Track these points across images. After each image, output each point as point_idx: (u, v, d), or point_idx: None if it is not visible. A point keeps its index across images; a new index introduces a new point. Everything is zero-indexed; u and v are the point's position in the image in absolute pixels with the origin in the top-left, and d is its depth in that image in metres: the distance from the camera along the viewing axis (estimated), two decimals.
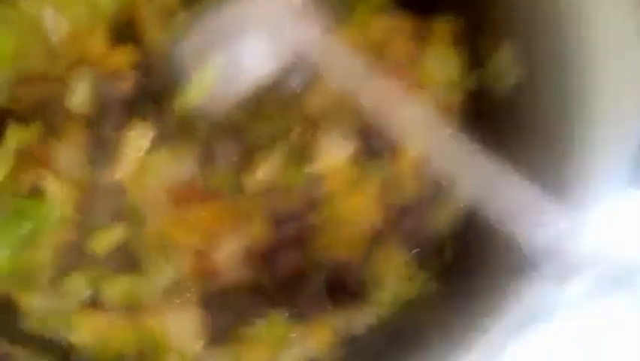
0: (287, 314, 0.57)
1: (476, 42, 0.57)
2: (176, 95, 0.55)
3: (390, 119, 0.48)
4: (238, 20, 0.51)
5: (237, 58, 0.51)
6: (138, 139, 0.57)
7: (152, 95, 0.58)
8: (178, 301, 0.56)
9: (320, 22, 0.52)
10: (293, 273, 0.57)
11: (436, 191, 0.58)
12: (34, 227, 0.56)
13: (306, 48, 0.50)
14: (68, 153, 0.58)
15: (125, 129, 0.57)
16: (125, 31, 0.61)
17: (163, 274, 0.56)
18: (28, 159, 0.58)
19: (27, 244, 0.56)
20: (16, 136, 0.58)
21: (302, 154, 0.58)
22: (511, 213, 0.44)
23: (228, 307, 0.56)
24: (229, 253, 0.57)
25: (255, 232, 0.57)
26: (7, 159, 0.58)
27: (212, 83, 0.52)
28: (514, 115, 0.54)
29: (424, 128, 0.48)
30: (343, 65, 0.50)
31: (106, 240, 0.56)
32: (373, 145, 0.57)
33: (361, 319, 0.58)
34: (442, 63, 0.60)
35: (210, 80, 0.52)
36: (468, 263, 0.56)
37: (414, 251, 0.59)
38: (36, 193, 0.57)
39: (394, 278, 0.58)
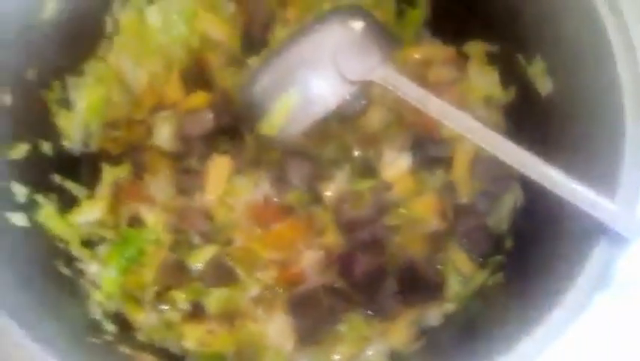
0: (367, 313, 0.63)
1: (511, 60, 0.64)
2: (256, 126, 0.61)
3: (449, 121, 0.54)
4: (309, 54, 0.58)
5: (312, 88, 0.57)
6: (220, 168, 0.65)
7: (228, 129, 0.66)
8: (269, 307, 0.62)
9: (381, 49, 0.58)
10: (369, 274, 0.62)
11: (491, 192, 0.64)
12: (137, 251, 0.63)
13: (374, 71, 0.56)
14: (160, 185, 0.65)
15: (207, 161, 0.65)
16: (196, 79, 0.69)
17: (253, 284, 0.62)
18: (124, 194, 0.66)
19: (132, 266, 0.62)
20: (112, 174, 0.66)
21: (367, 168, 0.65)
22: (561, 202, 0.49)
23: (313, 310, 0.61)
24: (309, 261, 0.63)
25: (330, 240, 0.63)
26: (105, 196, 0.65)
27: (289, 112, 0.58)
28: (551, 121, 0.61)
29: (476, 134, 0.53)
30: (409, 83, 0.56)
31: (200, 257, 0.63)
32: (430, 154, 0.64)
33: (434, 312, 0.63)
34: (482, 80, 0.67)
35: (287, 110, 0.58)
36: (525, 253, 0.62)
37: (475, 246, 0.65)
38: (135, 223, 0.64)
39: (460, 273, 0.64)
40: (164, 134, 0.67)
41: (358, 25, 0.58)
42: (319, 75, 0.57)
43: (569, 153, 0.57)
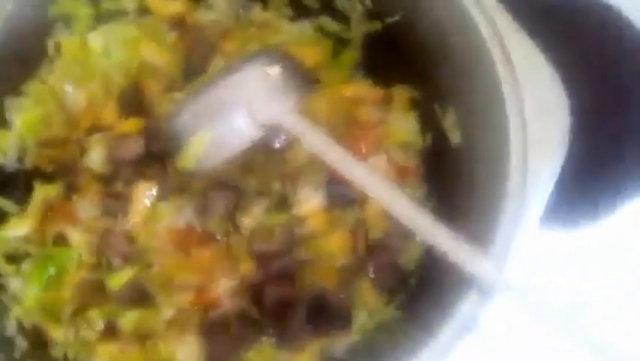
0: (275, 340, 0.66)
1: (429, 108, 0.68)
2: (175, 158, 0.64)
3: (354, 176, 0.57)
4: (224, 96, 0.60)
5: (225, 127, 0.60)
6: (145, 194, 0.68)
7: (156, 156, 0.69)
8: (181, 330, 0.65)
9: (295, 93, 0.61)
10: (279, 304, 0.66)
11: (401, 231, 0.68)
12: (59, 269, 0.66)
13: (283, 117, 0.60)
14: (86, 206, 0.68)
15: (134, 185, 0.68)
16: (133, 104, 0.72)
17: (168, 307, 0.65)
18: (52, 212, 0.68)
19: (53, 283, 0.65)
20: (42, 193, 0.69)
21: (283, 202, 0.68)
22: (450, 252, 0.54)
23: (223, 335, 0.65)
24: (224, 288, 0.66)
25: (245, 269, 0.66)
26: (34, 213, 0.68)
27: (202, 148, 0.61)
28: (458, 169, 0.65)
29: (381, 186, 0.57)
30: (314, 131, 0.59)
31: (119, 279, 0.65)
32: (343, 193, 0.67)
33: (340, 343, 0.66)
34: (402, 125, 0.71)
35: (201, 146, 0.61)
36: (427, 289, 0.66)
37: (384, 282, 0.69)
38: (60, 241, 0.67)
39: (367, 307, 0.67)
40: (96, 157, 0.70)
41: (273, 70, 0.61)
42: (232, 116, 0.60)
43: (465, 203, 0.61)
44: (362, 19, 0.73)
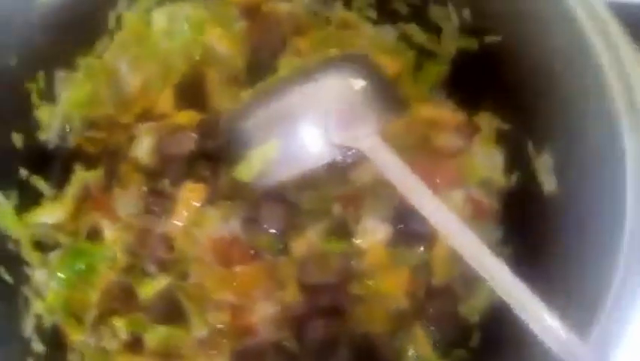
0: None
1: (520, 145, 0.60)
2: (233, 162, 0.58)
3: (426, 210, 0.50)
4: (299, 105, 0.54)
5: (295, 143, 0.54)
6: (193, 196, 0.61)
7: (210, 156, 0.62)
8: (211, 353, 0.59)
9: (380, 115, 0.54)
10: (322, 341, 0.59)
11: (466, 280, 0.60)
12: (89, 267, 0.60)
13: (362, 140, 0.53)
14: (127, 201, 0.62)
15: (181, 185, 0.61)
16: (191, 95, 0.66)
17: (200, 326, 0.59)
18: (90, 202, 0.63)
19: (80, 282, 0.60)
20: (82, 177, 0.63)
21: (342, 228, 0.61)
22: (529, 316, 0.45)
23: None
24: (263, 313, 0.59)
25: (290, 297, 0.59)
26: (71, 199, 0.62)
27: (266, 163, 0.55)
28: (548, 223, 0.56)
29: (455, 224, 0.49)
30: (390, 155, 0.52)
31: (151, 287, 0.59)
32: (410, 230, 0.60)
33: None
34: (485, 159, 0.62)
35: (265, 160, 0.55)
36: (491, 352, 0.58)
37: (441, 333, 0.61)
38: (94, 235, 0.61)
39: (419, 358, 0.60)
40: (144, 147, 0.63)
41: (359, 83, 0.53)
42: (305, 131, 0.53)
43: (558, 265, 0.53)
44: (456, 33, 0.64)
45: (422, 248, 0.60)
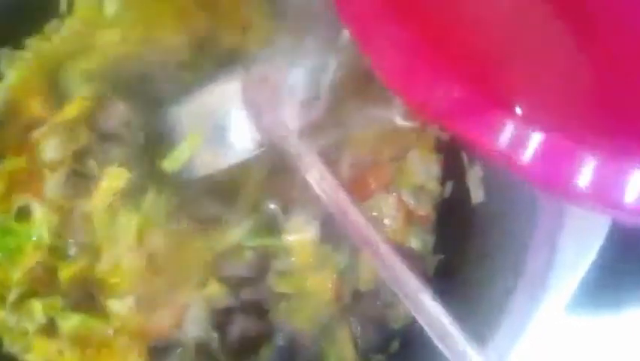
0: None
1: (456, 155, 0.59)
2: (161, 151, 0.57)
3: (349, 225, 0.48)
4: (225, 98, 0.53)
5: (220, 136, 0.54)
6: (114, 178, 0.60)
7: (140, 142, 0.61)
8: (126, 345, 0.58)
9: (306, 111, 0.53)
10: (246, 337, 0.58)
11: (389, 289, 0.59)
12: (16, 247, 0.59)
13: (287, 140, 0.52)
14: (55, 182, 0.61)
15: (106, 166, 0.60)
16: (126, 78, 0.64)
17: (114, 316, 0.58)
18: (20, 183, 0.62)
19: (6, 261, 0.59)
20: (12, 162, 0.62)
21: (271, 226, 0.60)
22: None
23: None
24: (183, 307, 0.58)
25: (211, 292, 0.58)
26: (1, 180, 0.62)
27: (191, 154, 0.54)
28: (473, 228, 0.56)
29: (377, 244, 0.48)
30: (316, 165, 0.50)
31: (69, 270, 0.58)
32: (337, 234, 0.58)
33: None
34: (422, 166, 0.62)
35: (190, 152, 0.54)
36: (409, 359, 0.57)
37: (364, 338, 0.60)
38: (23, 215, 0.61)
39: (340, 357, 0.60)
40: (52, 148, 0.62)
41: (287, 77, 0.53)
42: (230, 124, 0.53)
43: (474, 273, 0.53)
44: None
45: (348, 252, 0.59)
